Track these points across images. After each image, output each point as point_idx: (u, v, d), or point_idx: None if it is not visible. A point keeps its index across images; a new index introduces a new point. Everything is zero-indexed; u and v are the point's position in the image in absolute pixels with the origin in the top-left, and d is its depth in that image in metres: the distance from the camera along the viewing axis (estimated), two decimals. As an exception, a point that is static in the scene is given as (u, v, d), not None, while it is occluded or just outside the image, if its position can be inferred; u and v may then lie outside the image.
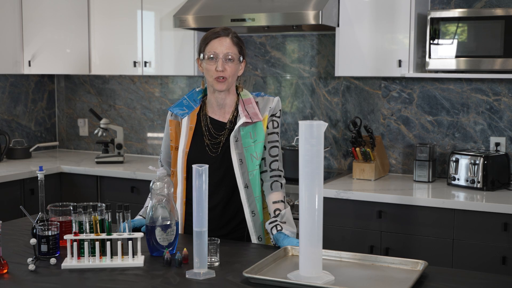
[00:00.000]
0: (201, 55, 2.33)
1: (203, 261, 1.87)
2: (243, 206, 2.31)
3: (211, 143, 2.35)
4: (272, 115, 2.37)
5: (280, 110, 2.39)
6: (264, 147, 2.35)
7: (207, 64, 2.30)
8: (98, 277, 1.87)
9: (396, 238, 3.23)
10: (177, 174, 2.36)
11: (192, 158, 2.33)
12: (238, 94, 2.40)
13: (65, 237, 1.99)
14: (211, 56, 2.28)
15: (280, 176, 2.36)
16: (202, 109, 2.40)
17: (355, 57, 3.57)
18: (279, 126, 2.38)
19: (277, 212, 2.28)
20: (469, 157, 3.38)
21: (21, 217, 2.69)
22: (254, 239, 2.32)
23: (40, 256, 2.03)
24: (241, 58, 2.33)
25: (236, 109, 2.37)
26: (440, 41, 3.34)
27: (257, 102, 2.36)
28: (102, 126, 4.37)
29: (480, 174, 3.33)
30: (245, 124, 2.30)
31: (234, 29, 2.41)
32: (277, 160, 2.36)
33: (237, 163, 2.29)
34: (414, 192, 3.36)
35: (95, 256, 1.99)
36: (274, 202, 2.32)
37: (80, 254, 2.00)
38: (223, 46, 2.29)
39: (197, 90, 2.44)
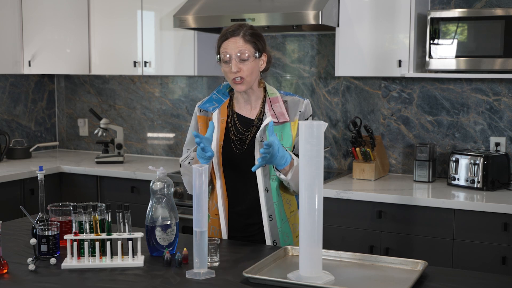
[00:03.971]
0: (217, 57, 2.26)
1: (203, 261, 1.86)
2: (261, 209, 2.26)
3: (237, 140, 2.28)
4: None
5: (311, 115, 2.29)
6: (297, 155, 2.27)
7: (224, 67, 2.24)
8: (98, 277, 1.88)
9: (396, 238, 3.23)
10: (214, 168, 2.27)
11: (224, 152, 2.26)
12: (265, 90, 2.31)
13: (65, 237, 1.99)
14: (225, 58, 2.22)
15: None
16: (230, 103, 2.33)
17: (355, 57, 3.57)
18: None
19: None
20: (469, 157, 3.38)
21: (21, 217, 2.69)
22: (269, 243, 2.27)
23: (40, 256, 2.03)
24: (257, 54, 2.24)
25: (264, 105, 2.29)
26: (440, 41, 3.34)
27: (285, 102, 2.28)
28: (102, 126, 4.37)
29: (480, 174, 3.33)
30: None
31: None
32: None
33: None
34: (414, 192, 3.36)
35: (95, 256, 1.99)
36: None
37: (80, 254, 2.00)
38: (234, 46, 2.21)
39: (224, 83, 2.37)
